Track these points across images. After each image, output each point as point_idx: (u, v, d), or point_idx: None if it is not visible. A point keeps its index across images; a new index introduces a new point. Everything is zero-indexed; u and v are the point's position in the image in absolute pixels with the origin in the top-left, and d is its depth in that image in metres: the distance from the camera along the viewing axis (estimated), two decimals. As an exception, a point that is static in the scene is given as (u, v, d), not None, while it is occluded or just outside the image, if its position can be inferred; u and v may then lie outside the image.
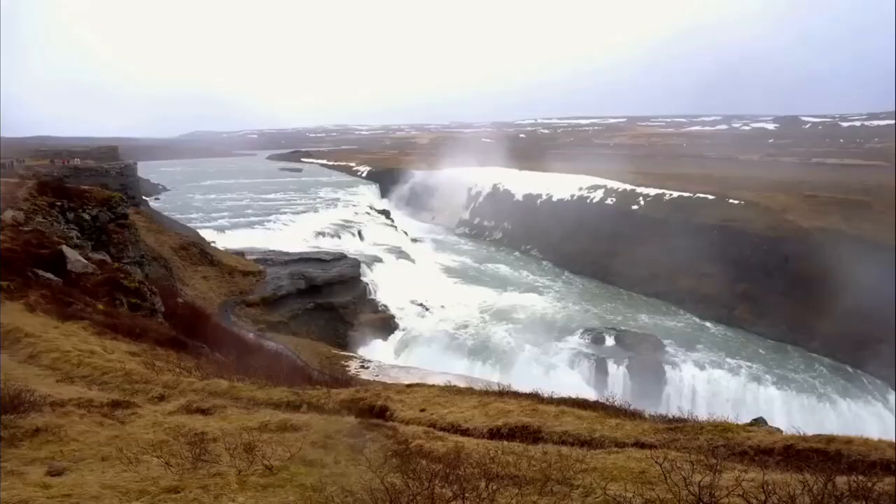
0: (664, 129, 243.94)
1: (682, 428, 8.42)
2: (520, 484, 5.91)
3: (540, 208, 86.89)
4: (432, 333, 48.60)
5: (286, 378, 14.46)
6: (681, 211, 68.67)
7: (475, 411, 9.76)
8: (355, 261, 54.82)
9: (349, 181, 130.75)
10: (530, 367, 43.29)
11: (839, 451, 7.53)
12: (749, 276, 57.15)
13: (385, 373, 33.44)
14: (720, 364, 45.01)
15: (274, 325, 41.73)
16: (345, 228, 71.56)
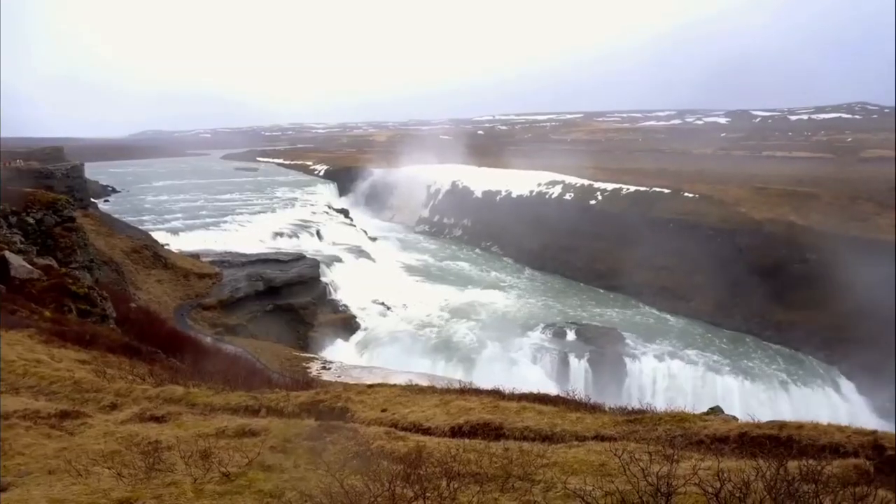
0: (620, 124, 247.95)
1: (641, 420, 8.56)
2: (481, 481, 5.90)
3: (499, 205, 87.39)
4: (394, 333, 48.44)
5: (244, 382, 14.20)
6: (638, 205, 69.91)
7: (437, 410, 9.73)
8: (314, 261, 54.25)
9: (307, 180, 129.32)
10: (493, 363, 43.51)
11: (791, 436, 7.74)
12: (705, 268, 58.47)
13: (347, 373, 33.16)
14: (679, 355, 45.97)
15: (232, 328, 41.00)
16: (303, 228, 70.73)
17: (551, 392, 13.28)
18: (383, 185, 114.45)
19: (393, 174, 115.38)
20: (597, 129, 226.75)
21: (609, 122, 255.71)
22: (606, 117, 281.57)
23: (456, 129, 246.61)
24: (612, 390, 40.39)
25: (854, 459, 6.52)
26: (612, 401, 17.04)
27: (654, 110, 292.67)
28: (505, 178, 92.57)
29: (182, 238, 60.16)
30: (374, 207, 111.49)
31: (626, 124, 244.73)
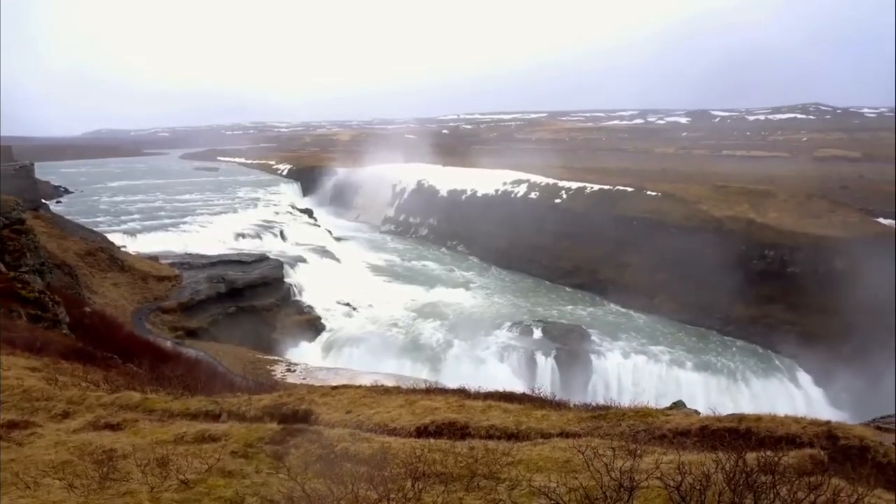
0: (583, 123, 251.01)
1: (606, 415, 8.65)
2: (446, 481, 5.87)
3: (465, 204, 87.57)
4: (360, 333, 48.13)
5: (205, 386, 13.93)
6: (602, 204, 70.74)
7: (402, 410, 9.68)
8: (278, 262, 53.58)
9: (269, 180, 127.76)
10: (460, 362, 43.57)
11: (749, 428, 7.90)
12: (667, 265, 59.46)
13: (312, 375, 32.87)
14: (644, 351, 46.61)
15: (193, 332, 40.21)
16: (266, 229, 69.79)
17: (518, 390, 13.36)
18: (348, 184, 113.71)
19: (358, 173, 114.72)
20: (561, 128, 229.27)
21: (573, 122, 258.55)
22: (570, 117, 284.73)
23: (421, 128, 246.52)
24: (578, 387, 40.79)
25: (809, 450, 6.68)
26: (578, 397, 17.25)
27: (618, 110, 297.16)
28: (470, 177, 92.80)
29: (140, 240, 58.81)
30: (338, 207, 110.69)
31: (590, 124, 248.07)
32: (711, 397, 39.73)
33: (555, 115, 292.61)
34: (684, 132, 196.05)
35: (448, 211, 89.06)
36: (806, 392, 44.10)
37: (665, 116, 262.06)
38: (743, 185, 69.19)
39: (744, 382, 43.98)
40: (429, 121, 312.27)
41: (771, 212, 59.60)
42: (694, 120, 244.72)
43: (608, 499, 4.56)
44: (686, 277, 57.37)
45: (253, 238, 65.65)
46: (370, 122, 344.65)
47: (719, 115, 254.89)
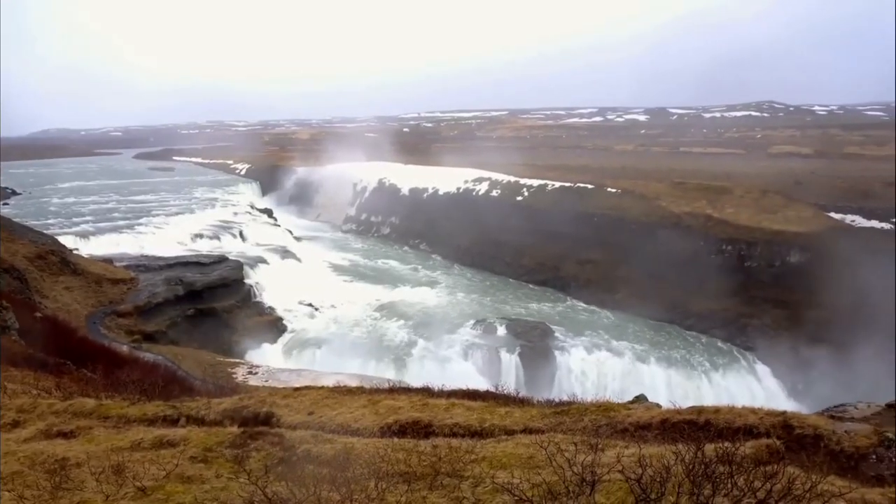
0: (544, 121, 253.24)
1: (568, 411, 8.74)
2: (410, 480, 5.85)
3: (427, 202, 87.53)
4: (323, 334, 47.72)
5: (163, 391, 13.67)
6: (563, 201, 71.48)
7: (365, 410, 9.62)
8: (237, 262, 52.74)
9: (227, 179, 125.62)
10: (424, 361, 43.55)
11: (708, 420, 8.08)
12: (628, 260, 60.34)
13: (275, 377, 32.48)
14: (607, 347, 47.16)
15: (150, 336, 39.28)
16: (225, 229, 68.59)
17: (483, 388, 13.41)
18: (308, 183, 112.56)
19: (318, 172, 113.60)
20: (522, 126, 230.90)
21: (533, 120, 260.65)
22: (531, 114, 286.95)
23: (381, 126, 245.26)
24: (543, 383, 41.11)
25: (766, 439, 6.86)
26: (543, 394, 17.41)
27: (578, 107, 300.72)
28: (432, 175, 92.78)
29: (93, 242, 57.14)
30: (299, 207, 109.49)
31: (550, 121, 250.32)
32: (674, 391, 40.36)
33: (515, 113, 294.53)
34: (643, 129, 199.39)
35: (410, 209, 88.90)
36: (765, 384, 45.21)
37: (624, 114, 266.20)
38: (700, 181, 70.61)
39: (705, 375, 44.90)
40: (389, 119, 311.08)
41: (728, 207, 60.99)
42: (652, 117, 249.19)
43: (571, 493, 4.60)
44: (647, 273, 58.35)
45: (211, 239, 64.46)
46: (330, 121, 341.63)
47: (677, 112, 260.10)
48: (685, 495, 4.49)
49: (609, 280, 60.54)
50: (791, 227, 54.90)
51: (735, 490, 4.53)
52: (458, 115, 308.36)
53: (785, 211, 58.44)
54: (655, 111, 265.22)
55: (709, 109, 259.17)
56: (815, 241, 52.61)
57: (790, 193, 63.85)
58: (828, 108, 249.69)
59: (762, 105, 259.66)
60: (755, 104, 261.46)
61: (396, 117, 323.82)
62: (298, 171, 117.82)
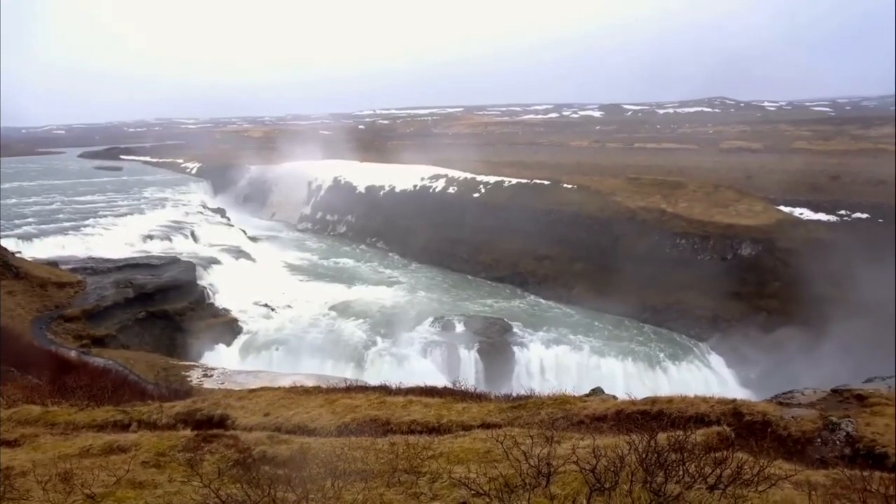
0: (499, 117, 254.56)
1: (525, 405, 8.82)
2: (367, 478, 5.83)
3: (383, 200, 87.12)
4: (280, 334, 47.08)
5: (113, 396, 13.29)
6: (519, 197, 71.99)
7: (322, 410, 9.53)
8: (190, 264, 51.58)
9: (178, 179, 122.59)
10: (383, 360, 43.39)
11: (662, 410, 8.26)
12: (585, 256, 61.19)
13: (231, 379, 31.96)
14: (564, 341, 47.63)
15: (100, 340, 38.08)
16: (176, 230, 66.96)
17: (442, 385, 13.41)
18: (262, 182, 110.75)
19: (272, 171, 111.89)
20: (478, 122, 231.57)
21: (489, 116, 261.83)
22: (487, 111, 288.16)
23: (336, 123, 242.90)
24: (502, 379, 41.37)
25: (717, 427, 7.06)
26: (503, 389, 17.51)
27: (533, 104, 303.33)
28: (388, 172, 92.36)
29: (36, 245, 54.97)
30: (252, 206, 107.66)
31: (506, 118, 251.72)
32: (630, 383, 40.96)
33: (471, 110, 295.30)
34: (598, 126, 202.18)
35: (366, 207, 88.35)
36: (718, 373, 46.30)
37: (579, 110, 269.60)
38: (655, 176, 71.92)
39: (660, 367, 45.71)
40: (344, 116, 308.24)
41: (682, 202, 62.26)
42: (607, 113, 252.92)
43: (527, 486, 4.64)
44: (603, 267, 59.25)
45: (162, 240, 62.82)
46: (283, 118, 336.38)
47: (631, 108, 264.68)
48: (638, 483, 4.57)
49: (566, 275, 61.24)
50: (742, 221, 56.43)
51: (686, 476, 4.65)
52: (414, 111, 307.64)
53: (737, 205, 59.99)
54: (610, 107, 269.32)
55: (662, 105, 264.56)
56: (765, 233, 54.27)
57: (741, 188, 65.67)
58: (777, 104, 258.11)
59: (714, 101, 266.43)
60: (706, 100, 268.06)
61: (351, 115, 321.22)
62: (252, 169, 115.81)
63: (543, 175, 76.60)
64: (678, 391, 10.21)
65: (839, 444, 7.69)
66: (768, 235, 53.96)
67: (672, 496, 4.55)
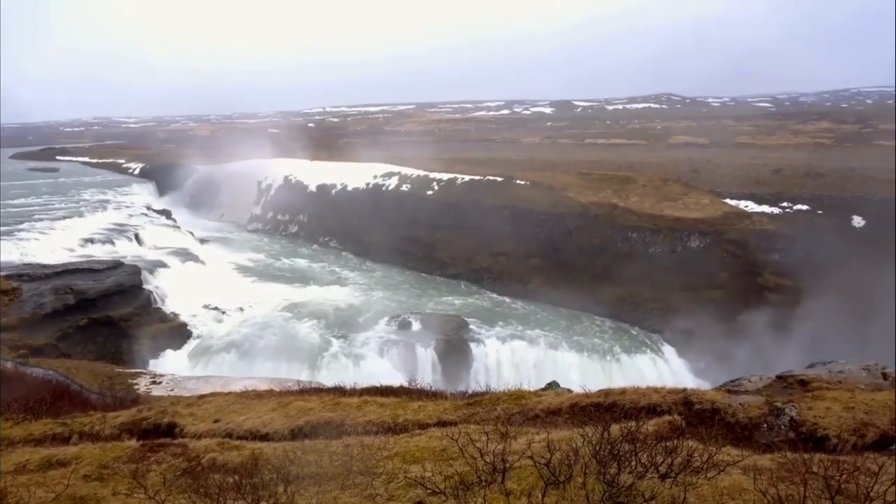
0: (451, 114, 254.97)
1: (481, 401, 8.82)
2: (321, 481, 5.72)
3: (336, 199, 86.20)
4: (232, 338, 46.02)
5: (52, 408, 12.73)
6: (473, 194, 72.16)
7: (274, 414, 9.33)
8: (134, 267, 49.94)
9: (119, 180, 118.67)
10: (339, 360, 42.93)
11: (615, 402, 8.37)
12: (539, 251, 61.76)
13: (181, 386, 31.07)
14: (521, 336, 47.92)
15: (39, 350, 36.54)
16: (119, 233, 64.77)
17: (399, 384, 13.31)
18: (209, 182, 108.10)
19: (220, 170, 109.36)
20: (429, 119, 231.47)
21: (441, 113, 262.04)
22: (438, 108, 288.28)
23: (285, 122, 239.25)
24: (460, 376, 41.46)
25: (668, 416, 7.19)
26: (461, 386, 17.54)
27: (485, 101, 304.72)
28: (340, 171, 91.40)
29: (-35, 252, 52.40)
30: (200, 207, 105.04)
31: (458, 115, 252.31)
32: (586, 376, 41.26)
33: (423, 107, 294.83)
34: (549, 122, 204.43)
35: (318, 207, 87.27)
36: (671, 364, 47.30)
37: (530, 107, 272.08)
38: (605, 171, 73.12)
39: (615, 359, 46.42)
40: (293, 114, 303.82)
41: (632, 196, 63.41)
42: (557, 110, 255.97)
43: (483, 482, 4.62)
44: (557, 262, 60.05)
45: (104, 243, 60.63)
46: (230, 117, 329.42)
47: (581, 105, 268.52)
48: (592, 475, 4.60)
49: (521, 271, 61.77)
50: (691, 214, 57.86)
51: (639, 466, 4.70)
52: (365, 109, 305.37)
53: (685, 198, 61.42)
54: (561, 104, 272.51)
55: (611, 102, 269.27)
56: (712, 226, 55.87)
57: (689, 181, 67.36)
58: (720, 100, 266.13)
59: (661, 97, 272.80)
60: (654, 96, 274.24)
61: (300, 112, 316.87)
62: (199, 169, 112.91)
63: (497, 172, 77.03)
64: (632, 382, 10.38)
65: (784, 428, 7.93)
66: (715, 228, 55.54)
67: (625, 486, 4.59)
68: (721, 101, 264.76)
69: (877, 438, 7.36)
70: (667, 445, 4.94)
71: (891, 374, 10.33)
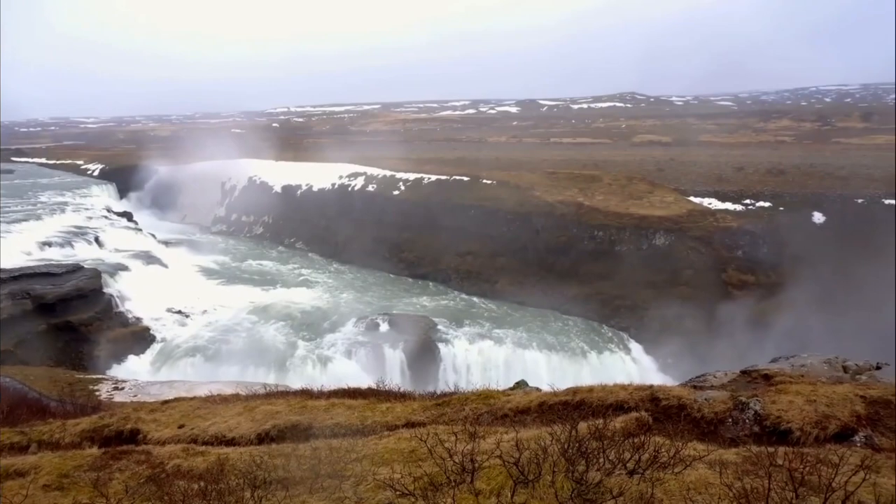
0: (417, 114, 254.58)
1: (450, 402, 8.80)
2: (288, 486, 5.64)
3: (301, 199, 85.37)
4: (196, 341, 45.24)
5: (9, 416, 12.35)
6: (440, 193, 72.09)
7: (241, 418, 9.17)
8: (94, 271, 48.72)
9: (78, 181, 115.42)
10: (306, 363, 42.54)
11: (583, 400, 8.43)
12: (506, 250, 61.98)
13: (144, 391, 30.48)
14: (489, 336, 48.08)
15: (-5, 357, 35.43)
16: (78, 236, 63.14)
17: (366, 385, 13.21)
18: (172, 183, 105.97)
19: (182, 172, 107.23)
20: (395, 119, 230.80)
21: (407, 113, 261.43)
22: (404, 108, 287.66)
23: (249, 122, 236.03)
24: (429, 377, 41.40)
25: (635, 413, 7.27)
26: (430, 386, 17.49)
27: (451, 100, 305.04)
28: (305, 171, 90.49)
29: (-84, 257, 50.47)
30: (162, 208, 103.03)
31: (424, 114, 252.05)
32: (554, 374, 41.39)
33: (388, 107, 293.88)
34: (515, 121, 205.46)
35: (284, 207, 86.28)
36: (638, 361, 47.86)
37: (496, 106, 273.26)
38: (571, 170, 73.74)
39: (583, 357, 46.81)
40: (257, 114, 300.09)
41: (598, 195, 64.06)
42: (523, 109, 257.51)
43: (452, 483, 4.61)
44: (525, 261, 60.34)
45: (63, 247, 59.05)
46: (192, 117, 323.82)
47: (546, 104, 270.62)
48: (561, 473, 4.62)
49: (489, 270, 61.92)
50: (656, 212, 58.68)
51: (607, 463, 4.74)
52: (330, 109, 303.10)
53: (650, 196, 62.31)
54: (526, 103, 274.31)
55: (576, 101, 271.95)
56: (677, 223, 56.80)
57: (654, 179, 68.35)
58: (683, 99, 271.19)
59: (625, 96, 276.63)
60: (619, 95, 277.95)
61: (264, 112, 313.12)
62: (160, 170, 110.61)
63: (463, 171, 77.12)
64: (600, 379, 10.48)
65: (748, 422, 8.09)
66: (680, 225, 56.47)
67: (593, 483, 4.63)
68: (684, 99, 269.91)
69: (838, 430, 7.57)
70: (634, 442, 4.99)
71: (851, 367, 10.64)
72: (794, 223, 54.20)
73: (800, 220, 54.69)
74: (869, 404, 8.00)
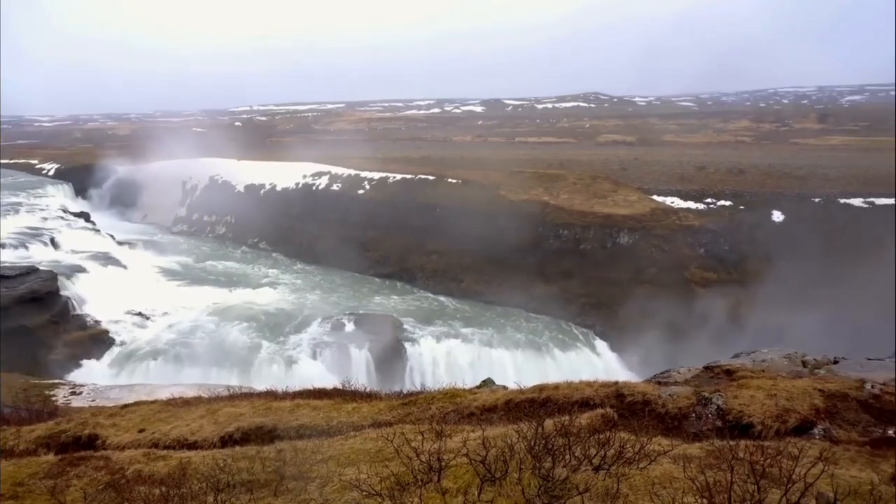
0: (381, 113, 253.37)
1: (416, 401, 8.77)
2: (253, 488, 5.55)
3: (265, 199, 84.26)
4: (157, 344, 44.33)
5: (-41, 425, 11.84)
6: (405, 192, 71.92)
7: (203, 421, 8.99)
8: (50, 273, 47.31)
9: (32, 181, 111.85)
10: (271, 364, 42.05)
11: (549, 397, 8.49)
12: (472, 249, 62.03)
13: (103, 395, 29.77)
14: (455, 334, 48.19)
15: (-56, 363, 34.14)
16: (33, 237, 61.28)
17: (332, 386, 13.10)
18: (131, 183, 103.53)
19: (142, 171, 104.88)
20: (360, 118, 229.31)
21: (371, 112, 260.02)
22: (369, 107, 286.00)
23: (211, 120, 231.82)
24: (395, 376, 41.30)
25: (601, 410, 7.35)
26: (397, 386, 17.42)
27: (415, 99, 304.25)
28: (269, 170, 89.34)
29: None
30: (121, 209, 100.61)
31: (388, 113, 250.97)
32: (521, 372, 41.61)
33: (353, 106, 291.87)
34: (480, 121, 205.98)
35: (247, 207, 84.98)
36: (604, 358, 48.48)
37: (461, 105, 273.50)
38: (536, 169, 74.19)
39: (549, 355, 47.18)
40: (219, 112, 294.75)
41: (563, 194, 64.56)
42: (488, 108, 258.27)
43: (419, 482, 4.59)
44: (490, 260, 60.54)
45: (16, 248, 57.24)
46: (152, 115, 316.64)
47: (511, 103, 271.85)
48: (528, 470, 4.63)
49: (455, 269, 62.00)
50: (620, 211, 59.43)
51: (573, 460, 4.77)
52: (294, 107, 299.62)
53: (614, 195, 63.00)
54: (491, 102, 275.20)
55: (541, 100, 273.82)
56: (641, 222, 57.65)
57: (617, 179, 69.21)
58: (646, 99, 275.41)
59: (589, 96, 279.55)
60: (582, 95, 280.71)
61: (226, 111, 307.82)
62: (119, 170, 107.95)
63: (428, 170, 77.01)
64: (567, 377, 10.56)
65: (711, 417, 8.25)
66: (644, 224, 57.32)
67: (560, 480, 4.66)
68: (647, 100, 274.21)
69: (798, 423, 7.77)
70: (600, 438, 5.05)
71: (810, 362, 10.93)
72: (755, 221, 55.53)
73: (760, 218, 56.06)
74: (827, 398, 8.22)
